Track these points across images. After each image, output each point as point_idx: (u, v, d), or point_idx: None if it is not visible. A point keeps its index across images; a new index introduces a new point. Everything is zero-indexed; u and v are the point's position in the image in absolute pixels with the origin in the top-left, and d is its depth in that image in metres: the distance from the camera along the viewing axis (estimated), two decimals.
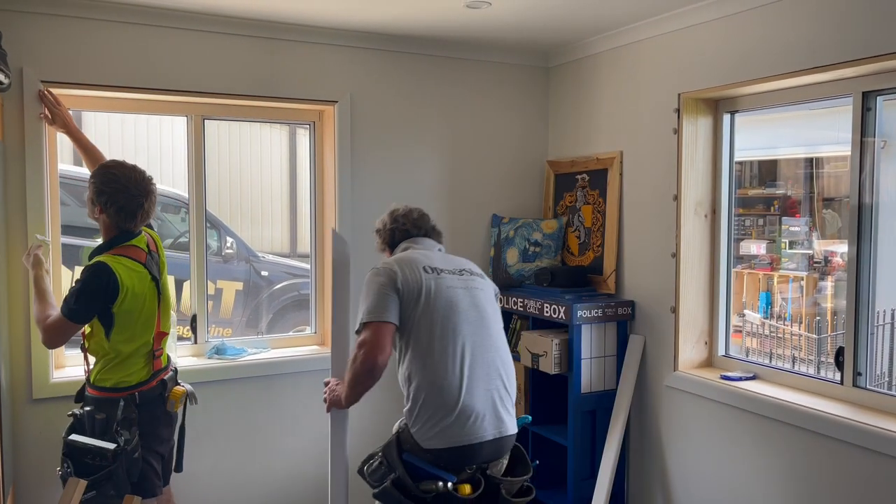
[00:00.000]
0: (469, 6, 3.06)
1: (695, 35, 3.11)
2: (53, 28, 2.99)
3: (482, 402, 2.30)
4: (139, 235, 2.57)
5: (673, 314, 3.26)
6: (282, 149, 5.92)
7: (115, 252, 2.48)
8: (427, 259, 2.47)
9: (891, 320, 4.33)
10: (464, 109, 3.89)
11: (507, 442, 2.37)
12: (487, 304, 2.47)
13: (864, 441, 2.47)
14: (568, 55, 3.87)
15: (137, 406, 2.48)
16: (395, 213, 2.69)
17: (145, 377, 2.53)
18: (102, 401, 2.46)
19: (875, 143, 2.67)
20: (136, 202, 2.47)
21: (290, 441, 3.55)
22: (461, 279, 2.45)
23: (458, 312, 2.36)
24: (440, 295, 2.36)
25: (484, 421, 2.29)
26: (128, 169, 2.51)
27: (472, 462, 2.29)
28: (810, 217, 5.97)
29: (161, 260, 2.68)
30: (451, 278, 2.43)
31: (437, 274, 2.41)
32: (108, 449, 2.34)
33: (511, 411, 2.39)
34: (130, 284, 2.43)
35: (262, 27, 3.34)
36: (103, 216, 2.49)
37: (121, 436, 2.40)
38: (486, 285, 2.54)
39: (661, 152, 3.30)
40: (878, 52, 2.41)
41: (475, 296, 2.44)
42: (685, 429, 3.24)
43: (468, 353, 2.33)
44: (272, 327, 5.01)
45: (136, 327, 2.48)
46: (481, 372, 2.33)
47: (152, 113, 3.41)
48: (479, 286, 2.48)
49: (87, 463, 2.34)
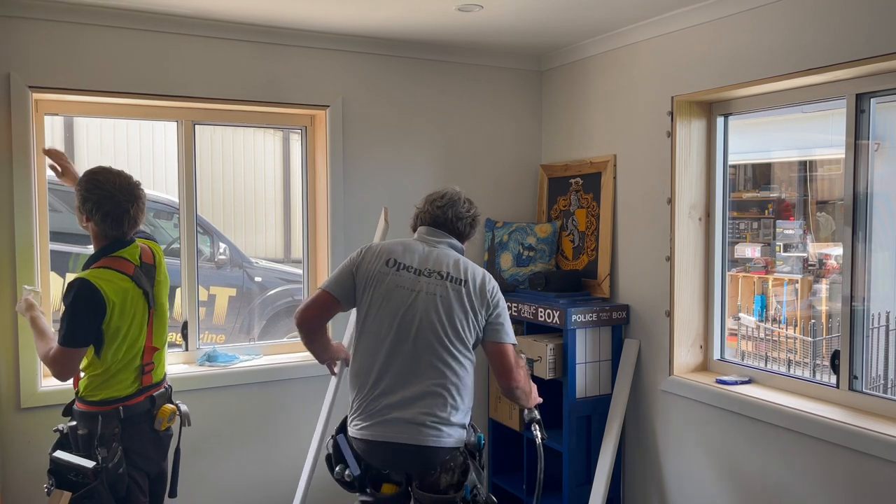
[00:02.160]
0: (460, 9, 3.05)
1: (688, 38, 3.10)
2: (41, 33, 2.96)
3: (400, 408, 2.31)
4: (131, 245, 2.48)
5: (668, 318, 3.24)
6: (275, 154, 5.89)
7: (101, 265, 2.40)
8: (403, 253, 2.44)
9: (886, 323, 4.32)
10: (456, 113, 3.87)
11: (429, 453, 2.31)
12: (442, 312, 2.34)
13: (860, 445, 2.46)
14: (561, 58, 3.86)
15: (121, 421, 2.41)
16: (430, 197, 2.61)
17: (132, 392, 2.45)
18: (87, 415, 2.40)
19: (869, 145, 2.66)
20: (121, 208, 2.40)
21: (282, 448, 3.52)
22: (425, 281, 2.37)
23: (398, 315, 2.34)
24: (386, 292, 2.37)
25: (399, 424, 2.30)
26: (113, 175, 2.44)
27: (385, 462, 2.36)
28: (804, 220, 5.97)
29: (160, 274, 2.58)
30: (409, 278, 2.38)
31: (398, 270, 2.39)
32: (87, 467, 2.28)
33: (441, 423, 2.31)
34: (117, 299, 2.35)
35: (252, 31, 3.32)
36: (90, 224, 2.43)
37: (99, 453, 2.34)
38: (458, 292, 2.37)
39: (654, 155, 3.29)
40: (871, 54, 2.40)
41: (431, 301, 2.35)
42: (681, 433, 3.22)
43: (396, 357, 2.34)
44: (266, 333, 4.98)
45: (126, 342, 2.41)
46: (404, 379, 2.33)
47: (142, 118, 3.38)
48: (441, 293, 2.36)
49: (71, 480, 2.29)
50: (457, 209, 2.55)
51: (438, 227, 2.54)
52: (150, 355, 2.51)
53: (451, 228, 2.55)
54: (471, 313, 2.38)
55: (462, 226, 2.57)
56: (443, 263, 2.43)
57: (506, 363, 2.40)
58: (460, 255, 2.52)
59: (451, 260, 2.45)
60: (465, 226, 2.57)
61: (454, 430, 2.35)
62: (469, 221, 2.58)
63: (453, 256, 2.48)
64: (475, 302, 2.39)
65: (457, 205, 2.55)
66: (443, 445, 2.32)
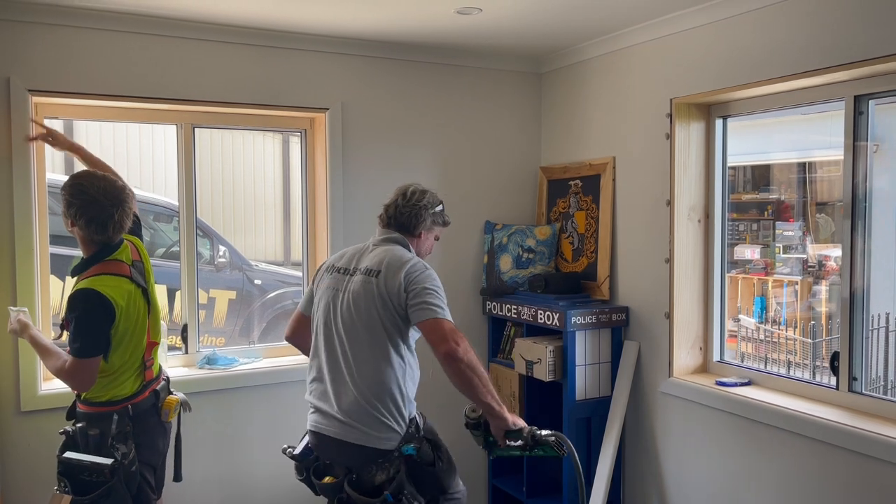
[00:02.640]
0: (459, 12, 3.05)
1: (686, 40, 3.11)
2: (41, 37, 2.97)
3: (329, 401, 2.37)
4: (120, 247, 2.47)
5: (667, 320, 3.24)
6: (275, 157, 5.90)
7: (97, 271, 2.39)
8: (341, 256, 2.56)
9: (886, 324, 4.32)
10: (456, 116, 3.88)
11: (350, 449, 2.31)
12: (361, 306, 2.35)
13: (859, 446, 2.46)
14: (560, 61, 3.87)
15: (132, 419, 2.44)
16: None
17: (137, 389, 2.48)
18: (95, 416, 2.41)
19: (868, 146, 2.66)
20: (105, 213, 2.36)
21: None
22: (349, 279, 2.42)
23: (328, 313, 2.44)
24: (321, 295, 2.49)
25: (325, 417, 2.37)
26: (97, 179, 2.40)
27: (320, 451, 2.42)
28: (804, 221, 5.98)
29: (146, 267, 2.59)
30: (337, 279, 2.47)
31: (331, 273, 2.51)
32: (105, 465, 2.28)
33: (365, 423, 2.29)
34: (123, 303, 2.37)
35: (251, 35, 3.32)
36: (75, 229, 2.40)
37: (117, 450, 2.36)
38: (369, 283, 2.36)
39: (653, 157, 3.29)
40: (869, 56, 2.40)
41: (350, 297, 2.38)
42: (681, 435, 3.22)
43: (329, 355, 2.41)
44: (266, 336, 4.98)
45: (130, 343, 2.43)
46: (333, 377, 2.39)
47: (141, 121, 3.39)
48: (356, 288, 2.38)
49: (85, 480, 2.28)
50: (398, 204, 2.54)
51: (385, 226, 2.57)
52: (149, 351, 2.55)
53: (396, 224, 2.54)
54: (388, 302, 2.32)
55: (405, 219, 2.53)
56: (368, 259, 2.44)
57: (436, 334, 2.24)
58: (395, 248, 2.46)
59: (380, 254, 2.43)
60: (408, 217, 2.53)
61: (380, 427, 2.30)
62: (412, 212, 2.52)
63: (386, 251, 2.44)
64: (388, 289, 2.33)
65: (399, 200, 2.55)
66: (359, 443, 2.29)
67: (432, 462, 2.35)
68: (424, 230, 2.57)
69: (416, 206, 2.54)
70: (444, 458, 2.39)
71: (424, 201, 2.56)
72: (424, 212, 2.55)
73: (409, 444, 2.32)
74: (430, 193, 2.61)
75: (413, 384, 2.43)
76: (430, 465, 2.35)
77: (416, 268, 2.37)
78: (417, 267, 2.37)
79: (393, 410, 2.32)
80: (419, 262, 2.41)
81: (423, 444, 2.35)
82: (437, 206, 2.61)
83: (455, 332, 2.26)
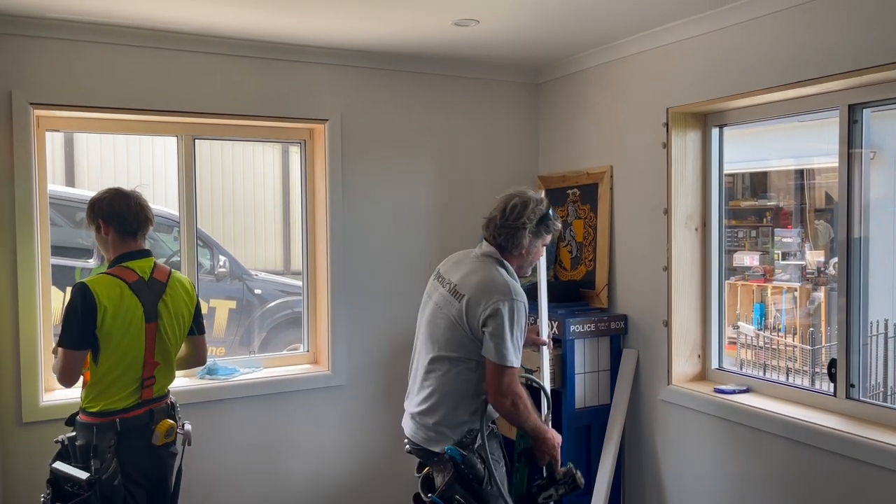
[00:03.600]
0: (457, 24, 3.08)
1: (682, 50, 3.13)
2: (42, 51, 3.00)
3: (409, 400, 2.57)
4: (144, 258, 2.55)
5: (666, 328, 3.25)
6: (275, 167, 5.92)
7: (106, 272, 2.47)
8: (446, 262, 2.62)
9: (885, 331, 4.33)
10: (454, 126, 3.90)
11: (421, 450, 2.48)
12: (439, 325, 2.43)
13: (857, 453, 2.47)
14: (557, 71, 3.89)
15: (118, 433, 2.42)
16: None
17: (131, 404, 2.47)
18: (86, 426, 2.42)
19: (863, 154, 2.68)
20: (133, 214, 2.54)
21: (282, 462, 3.53)
22: (440, 291, 2.51)
23: (420, 320, 2.59)
24: (423, 303, 2.60)
25: (408, 420, 2.54)
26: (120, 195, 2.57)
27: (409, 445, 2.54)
28: (802, 228, 5.99)
29: (170, 295, 2.56)
30: (434, 286, 2.56)
31: (435, 278, 2.60)
32: (80, 478, 2.30)
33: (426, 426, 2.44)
34: (109, 303, 2.38)
35: (251, 47, 3.35)
36: (110, 233, 2.51)
37: (93, 464, 2.36)
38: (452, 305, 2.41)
39: (650, 166, 3.31)
40: (863, 66, 2.42)
41: (435, 313, 2.48)
42: (680, 442, 3.23)
43: (413, 361, 2.60)
44: (266, 345, 4.99)
45: (119, 350, 2.42)
46: (413, 380, 2.58)
47: (142, 133, 3.41)
48: (442, 304, 2.45)
49: (67, 490, 2.30)
50: (497, 224, 2.48)
51: (486, 240, 2.52)
52: (150, 369, 2.52)
53: (495, 242, 2.50)
54: (465, 327, 2.37)
55: (503, 239, 2.47)
56: (462, 274, 2.46)
57: (494, 382, 2.34)
58: (491, 270, 2.43)
59: (474, 274, 2.43)
60: (506, 239, 2.47)
61: (436, 433, 2.41)
62: (510, 233, 2.46)
63: (481, 272, 2.43)
64: (468, 317, 2.37)
65: (499, 217, 2.48)
66: (424, 446, 2.44)
67: (481, 480, 2.37)
68: (524, 249, 2.50)
69: (514, 227, 2.45)
70: (494, 485, 2.40)
71: (524, 217, 2.45)
72: (522, 231, 2.46)
73: (456, 447, 2.39)
74: (533, 203, 2.48)
75: (478, 399, 2.43)
76: (479, 482, 2.37)
77: (499, 305, 2.33)
78: (500, 303, 2.33)
79: (450, 419, 2.41)
80: (507, 294, 2.36)
81: (472, 455, 2.38)
82: (540, 217, 2.49)
83: (511, 386, 2.34)
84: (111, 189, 2.57)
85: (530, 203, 2.48)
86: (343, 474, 3.68)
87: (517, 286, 2.42)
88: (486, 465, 2.40)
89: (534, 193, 2.53)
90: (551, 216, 2.53)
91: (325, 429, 3.61)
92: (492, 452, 2.45)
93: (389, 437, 3.74)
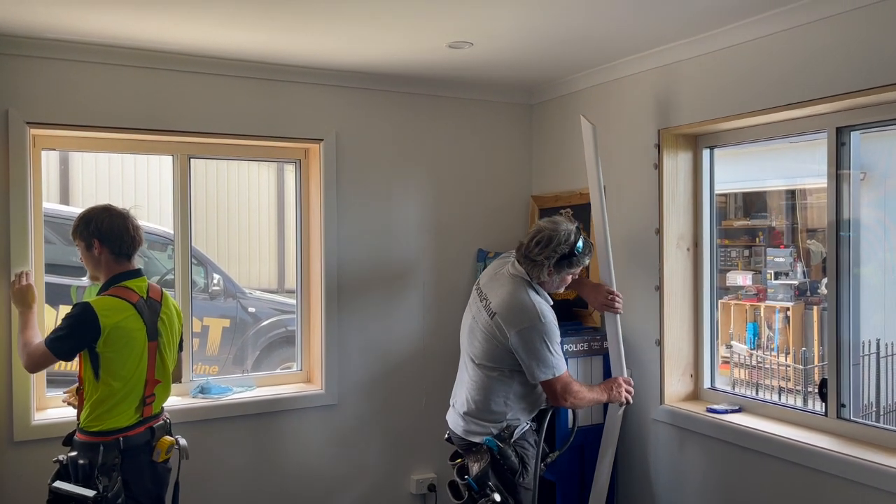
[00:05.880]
0: (451, 46, 3.12)
1: (673, 72, 3.17)
2: (39, 70, 3.02)
3: (454, 397, 2.91)
4: (139, 278, 2.58)
5: (658, 347, 3.27)
6: (269, 185, 5.95)
7: (109, 293, 2.50)
8: (488, 273, 2.88)
9: (876, 350, 4.34)
10: (448, 146, 3.93)
11: (458, 439, 2.81)
12: (476, 336, 2.75)
13: (848, 472, 2.47)
14: (550, 92, 3.93)
15: (122, 452, 2.44)
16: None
17: (133, 422, 2.49)
18: (87, 445, 2.42)
19: (851, 175, 2.71)
20: (126, 232, 2.57)
21: (275, 481, 3.51)
22: (478, 304, 2.79)
23: (463, 327, 2.89)
24: (465, 314, 2.89)
25: (452, 413, 2.87)
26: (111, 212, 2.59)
27: (451, 438, 2.88)
28: (795, 247, 6.03)
29: (165, 312, 2.64)
30: (474, 297, 2.84)
31: (476, 289, 2.86)
32: (87, 496, 2.31)
33: (464, 417, 2.77)
34: (113, 324, 2.41)
35: (247, 67, 3.38)
36: (103, 251, 2.53)
37: (100, 482, 2.36)
38: (485, 321, 2.71)
39: (642, 187, 3.34)
40: (851, 89, 2.46)
41: (473, 326, 2.79)
42: (673, 461, 3.23)
43: (460, 363, 2.91)
44: (259, 364, 4.98)
45: (123, 370, 2.45)
46: (458, 379, 2.92)
47: (138, 152, 3.43)
48: (479, 318, 2.75)
49: None
50: (524, 253, 2.69)
51: (519, 260, 2.74)
52: (151, 387, 2.56)
53: (521, 264, 2.72)
54: (493, 340, 2.68)
55: (526, 267, 2.70)
56: (496, 288, 2.74)
57: (549, 395, 2.72)
58: (519, 289, 2.68)
59: (505, 291, 2.70)
60: (529, 268, 2.69)
61: (477, 426, 2.71)
62: (530, 265, 2.67)
63: (511, 289, 2.69)
64: (500, 334, 2.66)
65: (525, 248, 2.68)
66: (461, 435, 2.76)
67: (515, 471, 2.67)
68: (544, 281, 2.72)
69: (534, 261, 2.66)
70: (526, 478, 2.70)
71: (547, 252, 2.63)
72: (542, 267, 2.65)
73: (494, 439, 2.68)
74: (559, 240, 2.63)
75: (518, 400, 2.73)
76: (512, 473, 2.67)
77: (525, 334, 2.61)
78: (528, 330, 2.61)
79: (489, 417, 2.71)
80: (533, 319, 2.62)
81: (508, 447, 2.67)
82: (562, 256, 2.64)
83: (566, 389, 2.68)
84: (105, 207, 2.59)
85: (555, 239, 2.63)
86: (335, 493, 3.67)
87: (543, 307, 2.67)
88: (522, 459, 2.69)
89: (565, 227, 2.68)
90: (578, 252, 2.67)
91: (317, 448, 3.60)
92: (526, 442, 2.75)
93: (382, 455, 3.73)
